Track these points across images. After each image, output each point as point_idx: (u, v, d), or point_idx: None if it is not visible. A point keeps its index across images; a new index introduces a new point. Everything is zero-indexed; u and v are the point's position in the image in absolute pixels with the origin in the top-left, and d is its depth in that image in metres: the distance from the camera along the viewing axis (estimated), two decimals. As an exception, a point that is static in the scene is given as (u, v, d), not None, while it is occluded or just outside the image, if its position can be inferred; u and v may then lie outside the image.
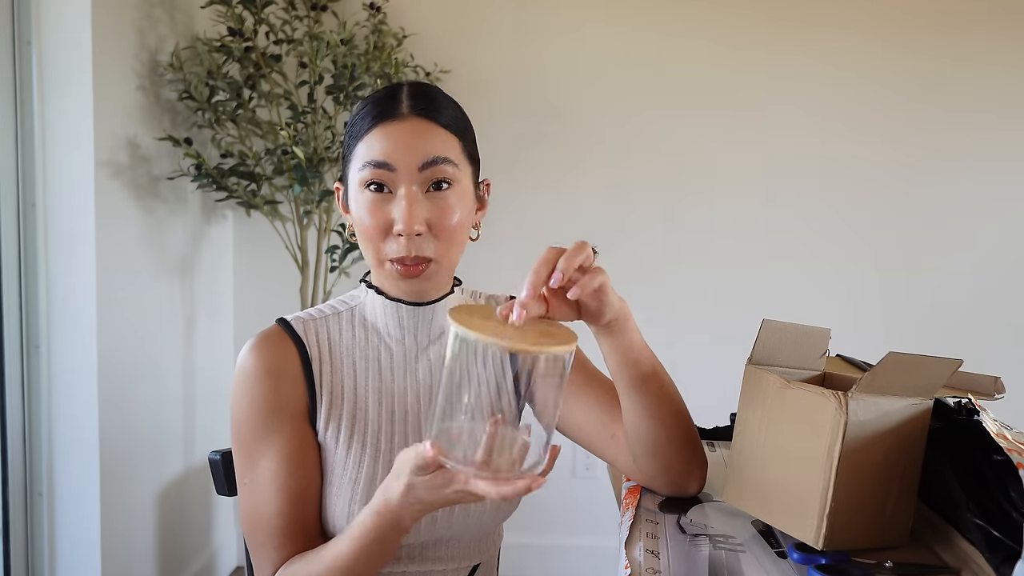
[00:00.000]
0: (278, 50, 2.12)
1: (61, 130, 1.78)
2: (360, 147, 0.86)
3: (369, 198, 0.85)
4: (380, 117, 0.86)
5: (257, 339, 0.90)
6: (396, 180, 0.84)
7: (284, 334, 0.90)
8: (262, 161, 2.10)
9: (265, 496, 0.85)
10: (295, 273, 2.23)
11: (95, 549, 1.85)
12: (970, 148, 2.28)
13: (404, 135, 0.84)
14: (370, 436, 0.89)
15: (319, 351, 0.90)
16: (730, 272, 2.34)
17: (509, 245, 2.18)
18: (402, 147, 0.84)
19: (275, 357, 0.88)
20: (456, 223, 0.86)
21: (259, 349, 0.89)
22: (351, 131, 0.89)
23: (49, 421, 1.84)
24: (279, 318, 0.93)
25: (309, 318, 0.93)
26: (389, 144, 0.84)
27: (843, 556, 0.74)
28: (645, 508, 0.90)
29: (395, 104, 0.86)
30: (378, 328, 0.93)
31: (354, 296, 0.96)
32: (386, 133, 0.85)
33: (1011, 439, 0.72)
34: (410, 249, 0.83)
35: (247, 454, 0.87)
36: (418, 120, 0.85)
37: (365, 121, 0.86)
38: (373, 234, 0.85)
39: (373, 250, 0.87)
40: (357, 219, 0.87)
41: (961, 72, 2.26)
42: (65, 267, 1.81)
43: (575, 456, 2.39)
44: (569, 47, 2.33)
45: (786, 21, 2.28)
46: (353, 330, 0.93)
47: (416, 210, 0.83)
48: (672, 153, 2.34)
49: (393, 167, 0.84)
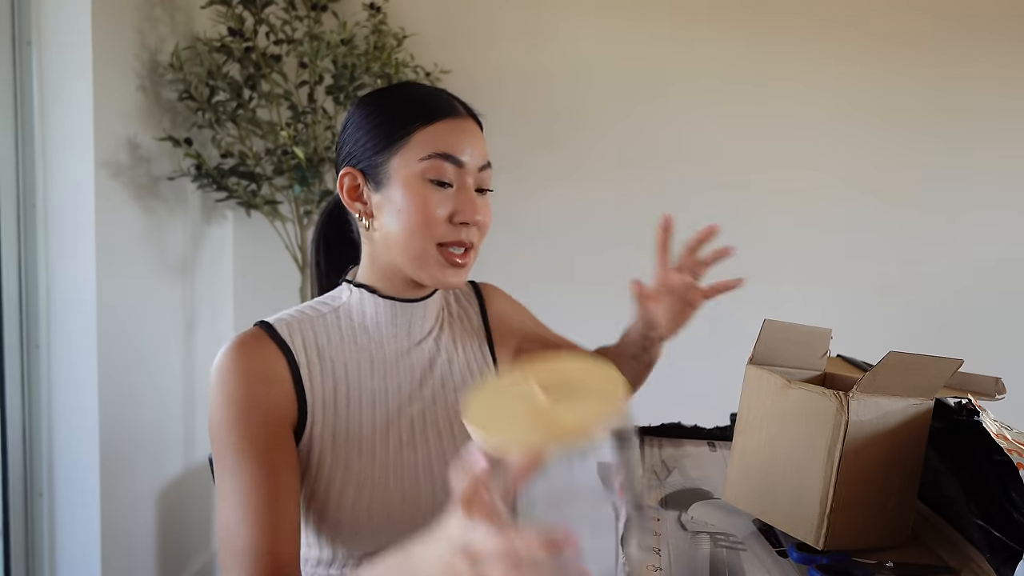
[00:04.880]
0: (278, 50, 2.12)
1: (61, 130, 1.78)
2: (419, 136, 0.84)
3: (429, 188, 0.83)
4: (445, 110, 0.85)
5: (235, 342, 0.83)
6: (460, 176, 0.85)
7: (266, 337, 0.85)
8: (262, 161, 2.10)
9: (235, 519, 0.78)
10: (295, 273, 2.23)
11: (95, 549, 1.85)
12: (972, 149, 2.28)
13: (469, 134, 0.86)
14: (365, 439, 0.86)
15: (306, 355, 0.86)
16: (732, 273, 2.34)
17: (506, 248, 2.18)
18: (469, 145, 0.85)
19: (258, 361, 0.83)
20: (490, 222, 0.89)
21: (239, 353, 0.82)
22: (396, 117, 0.85)
23: (49, 421, 1.84)
24: (259, 321, 0.87)
25: (292, 320, 0.88)
26: (457, 139, 0.84)
27: (843, 556, 0.74)
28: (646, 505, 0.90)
29: (451, 102, 0.87)
30: (367, 327, 0.90)
31: (335, 297, 0.92)
32: (454, 128, 0.85)
33: (1011, 439, 0.72)
34: (466, 235, 0.85)
35: (219, 468, 0.80)
36: (473, 122, 0.88)
37: (424, 110, 0.84)
38: (430, 222, 0.83)
39: (423, 238, 0.84)
40: (408, 207, 0.83)
41: (964, 81, 2.26)
42: (65, 267, 1.81)
43: (575, 456, 2.39)
44: (569, 47, 2.33)
45: (795, 29, 2.28)
46: (341, 331, 0.89)
47: (477, 203, 0.86)
48: (673, 153, 2.34)
49: (462, 162, 0.84)
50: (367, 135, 0.86)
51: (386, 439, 0.87)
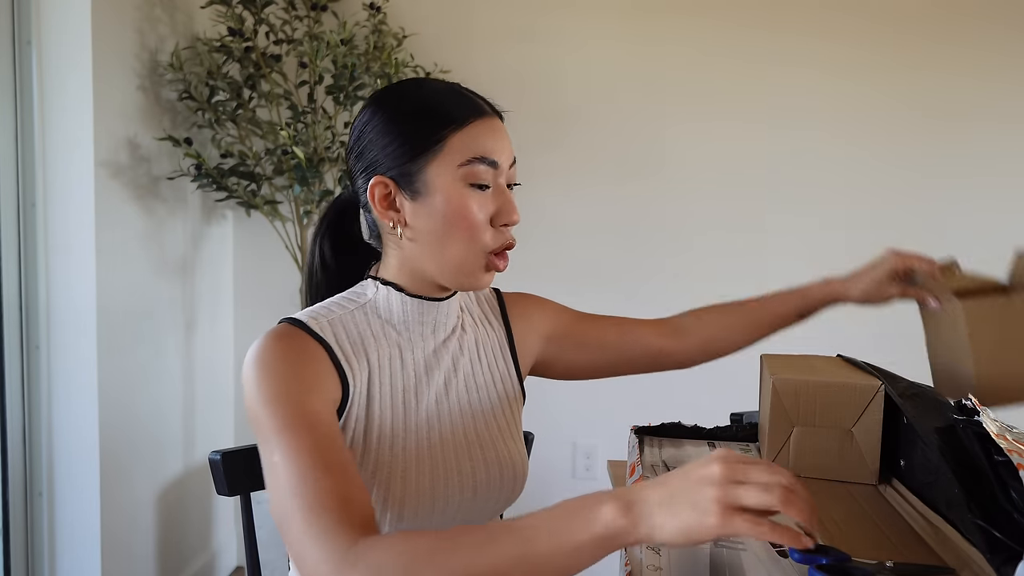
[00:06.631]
0: (278, 50, 2.12)
1: (61, 130, 1.78)
2: (455, 140, 0.82)
3: (472, 193, 0.84)
4: (476, 111, 0.85)
5: (271, 333, 0.81)
6: (495, 177, 0.85)
7: (300, 331, 0.82)
8: (262, 161, 2.11)
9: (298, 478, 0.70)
10: (295, 273, 2.23)
11: (95, 549, 1.85)
12: (974, 151, 2.28)
13: (500, 132, 0.86)
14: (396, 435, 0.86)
15: (341, 348, 0.84)
16: (734, 275, 2.34)
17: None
18: (502, 145, 0.86)
19: (300, 346, 0.81)
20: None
21: (278, 339, 0.80)
22: (426, 121, 0.83)
23: (49, 421, 1.84)
24: (286, 318, 0.85)
25: (321, 316, 0.86)
26: (492, 141, 0.85)
27: (843, 556, 0.74)
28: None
29: (476, 101, 0.87)
30: (395, 324, 0.89)
31: (360, 294, 0.91)
32: (488, 129, 0.85)
33: (1011, 439, 0.72)
34: (510, 238, 0.87)
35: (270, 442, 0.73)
36: (499, 120, 0.88)
37: (457, 112, 0.84)
38: (478, 228, 0.84)
39: (471, 245, 0.84)
40: (453, 214, 0.83)
41: (960, 82, 2.26)
42: (65, 267, 1.81)
43: (575, 456, 2.39)
44: (569, 48, 2.33)
45: (792, 31, 2.28)
46: (371, 327, 0.88)
47: (514, 202, 0.87)
48: (673, 153, 2.34)
49: (498, 164, 0.85)
50: (395, 141, 0.84)
51: (411, 437, 0.87)
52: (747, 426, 1.17)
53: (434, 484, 0.86)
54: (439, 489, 0.86)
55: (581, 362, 1.09)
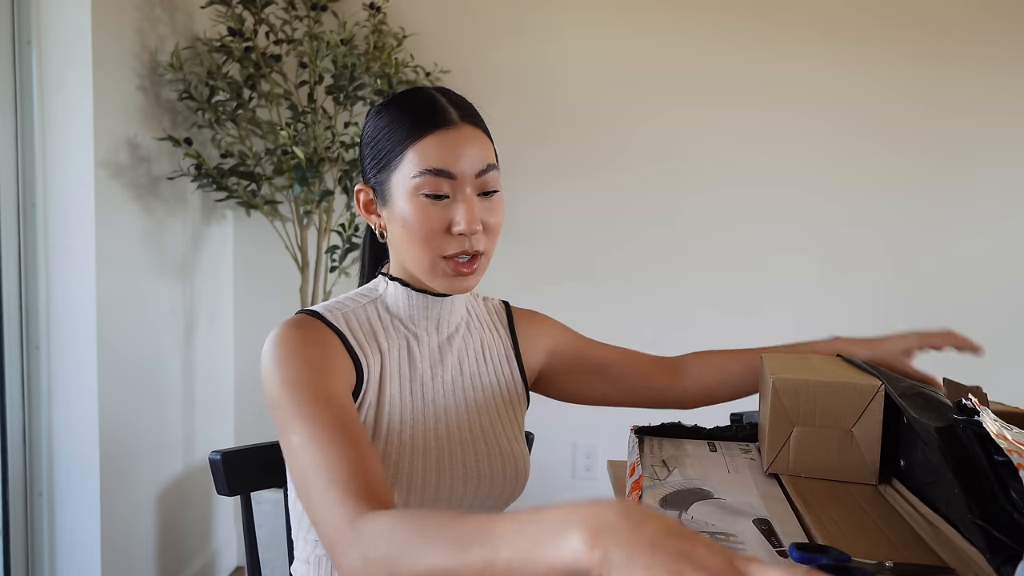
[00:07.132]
0: (278, 50, 2.12)
1: (61, 130, 1.78)
2: (410, 154, 0.87)
3: (425, 203, 0.87)
4: (433, 124, 0.87)
5: (288, 322, 0.87)
6: (455, 187, 0.87)
7: (317, 320, 0.88)
8: (262, 161, 2.11)
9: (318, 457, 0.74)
10: (295, 273, 2.23)
11: (95, 549, 1.85)
12: (977, 143, 2.27)
13: (461, 143, 0.88)
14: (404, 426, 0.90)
15: (355, 338, 0.90)
16: (734, 275, 2.34)
17: (506, 247, 2.18)
18: (461, 155, 0.87)
19: (319, 334, 0.86)
20: (501, 221, 0.93)
21: (295, 327, 0.86)
22: (391, 136, 0.89)
23: (49, 421, 1.84)
24: (302, 310, 0.91)
25: (335, 309, 0.92)
26: (447, 152, 0.87)
27: (843, 556, 0.74)
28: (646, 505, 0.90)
29: (443, 112, 0.88)
30: (402, 318, 0.95)
31: (372, 289, 0.97)
32: (442, 141, 0.87)
33: (1011, 439, 0.72)
34: (469, 245, 0.88)
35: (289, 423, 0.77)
36: (469, 128, 0.89)
37: (414, 127, 0.87)
38: (430, 236, 0.87)
39: (428, 251, 0.88)
40: (409, 222, 0.88)
41: (964, 77, 2.26)
42: (65, 267, 1.81)
43: (575, 457, 2.39)
44: (569, 47, 2.33)
45: (791, 24, 2.28)
46: (381, 320, 0.94)
47: (476, 212, 0.88)
48: (673, 152, 2.33)
49: (453, 175, 0.87)
50: (371, 153, 0.92)
51: (419, 427, 0.91)
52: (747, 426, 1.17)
53: (439, 474, 0.89)
54: (444, 480, 0.90)
55: (582, 384, 1.14)
